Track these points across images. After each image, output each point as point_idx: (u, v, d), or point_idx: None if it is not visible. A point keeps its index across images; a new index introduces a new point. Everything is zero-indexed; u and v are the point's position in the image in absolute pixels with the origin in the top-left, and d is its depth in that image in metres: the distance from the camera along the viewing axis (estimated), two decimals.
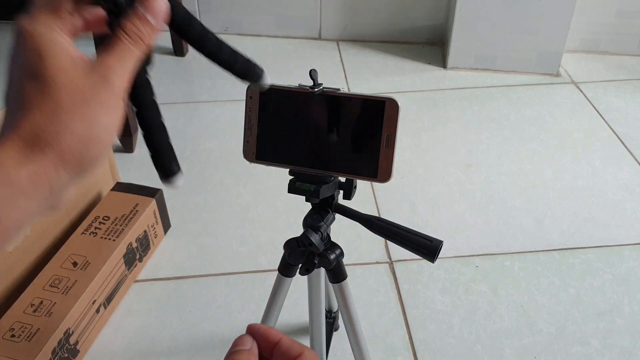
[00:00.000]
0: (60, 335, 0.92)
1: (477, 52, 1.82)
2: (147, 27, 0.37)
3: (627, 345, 1.04)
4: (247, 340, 0.41)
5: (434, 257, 0.60)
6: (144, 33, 0.37)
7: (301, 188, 0.59)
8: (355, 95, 0.55)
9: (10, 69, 0.36)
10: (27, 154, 0.32)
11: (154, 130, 0.39)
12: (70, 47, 0.36)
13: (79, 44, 0.39)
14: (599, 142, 1.54)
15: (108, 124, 0.35)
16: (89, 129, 0.34)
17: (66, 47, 0.35)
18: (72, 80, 0.34)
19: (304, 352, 0.39)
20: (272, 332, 0.40)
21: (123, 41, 0.36)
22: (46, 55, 0.34)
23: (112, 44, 0.37)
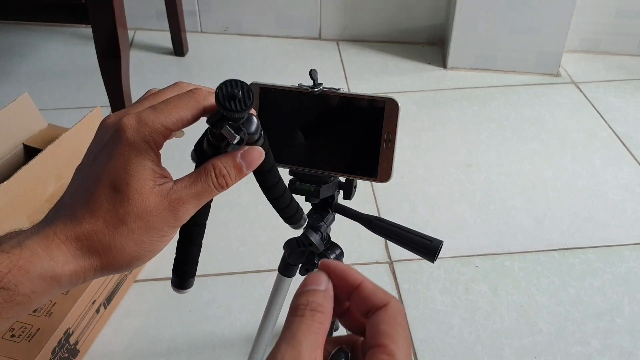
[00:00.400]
0: (60, 335, 0.92)
1: (477, 52, 1.82)
2: (237, 173, 0.38)
3: (627, 345, 1.04)
4: (322, 279, 0.32)
5: (434, 257, 0.60)
6: (232, 178, 0.37)
7: (301, 188, 0.59)
8: (355, 95, 0.55)
9: (93, 151, 0.37)
10: (76, 255, 0.34)
11: (194, 246, 0.41)
12: (156, 167, 0.36)
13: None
14: (599, 142, 1.54)
15: (155, 248, 0.36)
16: (137, 250, 0.36)
17: (152, 169, 0.36)
18: (145, 205, 0.35)
19: (390, 303, 0.32)
20: (352, 274, 0.33)
21: (208, 180, 0.37)
22: (133, 174, 0.35)
23: (197, 178, 0.37)
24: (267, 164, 0.40)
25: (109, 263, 0.35)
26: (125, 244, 0.35)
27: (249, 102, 0.34)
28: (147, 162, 0.36)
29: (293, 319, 0.30)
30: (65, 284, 0.35)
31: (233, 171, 0.37)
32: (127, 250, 0.35)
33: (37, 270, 0.33)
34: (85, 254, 0.35)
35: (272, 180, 0.43)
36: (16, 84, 1.76)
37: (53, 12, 1.35)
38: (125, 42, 1.35)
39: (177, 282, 0.42)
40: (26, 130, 1.09)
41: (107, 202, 0.35)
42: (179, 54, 1.91)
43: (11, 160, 1.06)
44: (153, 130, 0.36)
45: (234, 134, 0.35)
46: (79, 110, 1.62)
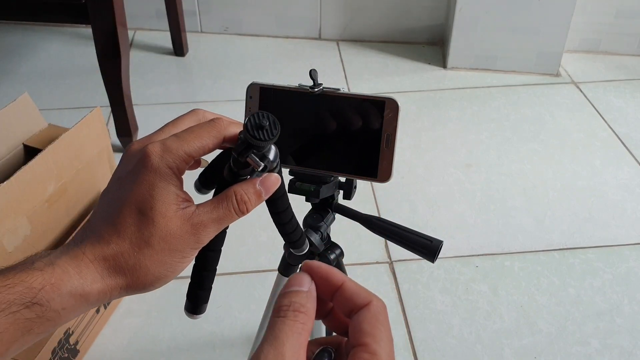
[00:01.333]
0: (60, 335, 0.92)
1: (477, 52, 1.82)
2: (256, 199, 0.40)
3: (627, 345, 1.04)
4: (305, 280, 0.33)
5: (434, 257, 0.60)
6: (252, 204, 0.40)
7: (301, 188, 0.59)
8: (355, 95, 0.55)
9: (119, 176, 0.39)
10: (103, 274, 0.37)
11: (209, 272, 0.43)
12: (179, 191, 0.39)
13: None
14: (599, 142, 1.54)
15: (177, 269, 0.38)
16: (161, 271, 0.38)
17: (176, 193, 0.38)
18: (169, 228, 0.37)
19: (372, 302, 0.32)
20: (335, 274, 0.33)
21: (229, 206, 0.39)
22: (158, 198, 0.37)
23: (218, 204, 0.39)
24: (280, 189, 0.42)
25: (134, 282, 0.37)
26: (150, 265, 0.37)
27: (275, 132, 0.36)
28: (171, 186, 0.38)
29: (276, 320, 0.31)
30: (93, 302, 0.36)
31: (253, 197, 0.40)
32: (151, 270, 0.37)
33: (68, 287, 0.35)
34: (112, 274, 0.37)
35: (282, 206, 0.45)
36: (16, 84, 1.76)
37: (53, 12, 1.35)
38: (125, 42, 1.35)
39: (190, 308, 0.44)
40: (26, 130, 1.09)
41: (133, 225, 0.37)
42: (179, 54, 1.91)
43: (11, 160, 1.06)
44: (177, 157, 0.38)
45: (259, 162, 0.38)
46: (79, 110, 1.63)
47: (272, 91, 0.57)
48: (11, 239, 0.91)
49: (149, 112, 1.63)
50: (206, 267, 0.43)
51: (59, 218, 1.11)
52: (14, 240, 0.92)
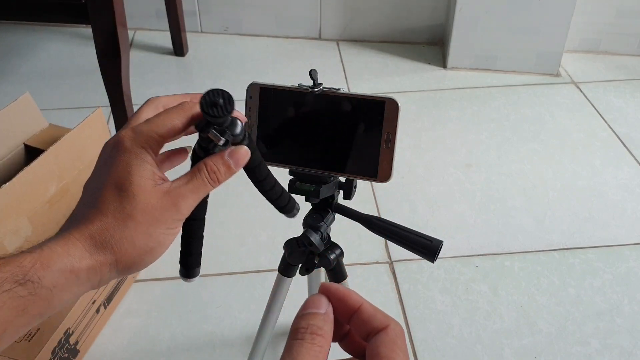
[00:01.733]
0: (60, 335, 0.92)
1: (477, 52, 1.82)
2: (226, 170, 0.42)
3: (627, 345, 1.04)
4: (322, 302, 0.32)
5: (434, 257, 0.60)
6: (222, 174, 0.42)
7: (301, 188, 0.59)
8: (355, 95, 0.55)
9: (97, 166, 0.42)
10: (91, 250, 0.38)
11: (195, 239, 0.46)
12: (155, 169, 0.41)
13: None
14: (599, 142, 1.54)
15: (164, 241, 0.40)
16: (147, 243, 0.39)
17: (152, 170, 0.40)
18: (149, 201, 0.39)
19: (389, 325, 0.31)
20: (352, 296, 0.33)
21: (202, 177, 0.41)
22: (134, 172, 0.39)
23: (192, 176, 0.41)
24: (254, 160, 0.44)
25: (122, 257, 0.39)
26: (135, 237, 0.39)
27: (229, 108, 0.39)
28: (146, 164, 0.40)
29: (293, 343, 0.31)
30: (83, 279, 0.38)
31: (222, 168, 0.42)
32: (137, 243, 0.39)
33: (57, 265, 0.36)
34: (99, 249, 0.38)
35: (261, 175, 0.47)
36: (16, 84, 1.76)
37: (53, 12, 1.35)
38: (125, 42, 1.35)
39: (184, 272, 0.47)
40: (27, 130, 1.09)
41: (115, 202, 0.39)
42: (179, 54, 1.92)
43: (12, 160, 1.06)
44: (148, 137, 0.40)
45: (219, 136, 0.40)
46: (80, 110, 1.63)
47: (272, 91, 0.57)
48: (12, 240, 0.91)
49: None
50: (192, 235, 0.46)
51: (60, 219, 1.12)
52: (15, 241, 0.92)
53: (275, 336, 1.05)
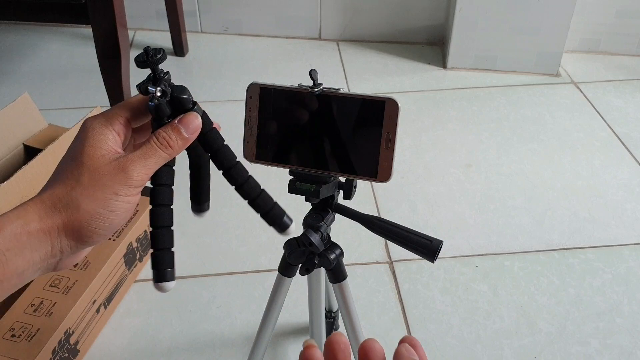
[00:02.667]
0: (60, 335, 0.92)
1: (477, 52, 1.82)
2: (177, 136, 0.44)
3: (627, 345, 1.04)
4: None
5: (434, 257, 0.60)
6: (172, 140, 0.44)
7: (301, 188, 0.59)
8: (355, 96, 0.55)
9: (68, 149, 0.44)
10: (42, 215, 0.40)
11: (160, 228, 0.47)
12: (112, 142, 0.43)
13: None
14: (599, 142, 1.54)
15: (115, 208, 0.41)
16: (94, 207, 0.40)
17: (106, 141, 0.42)
18: (97, 167, 0.41)
19: None
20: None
21: (151, 143, 0.43)
22: (87, 144, 0.42)
23: (145, 143, 0.43)
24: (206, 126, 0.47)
25: (70, 220, 0.40)
26: (82, 201, 0.40)
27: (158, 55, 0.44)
28: (101, 137, 0.42)
29: None
30: (34, 243, 0.39)
31: (172, 133, 0.44)
32: (84, 206, 0.40)
33: (9, 229, 0.38)
34: (49, 213, 0.40)
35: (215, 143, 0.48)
36: (16, 84, 1.76)
37: (53, 12, 1.35)
38: (126, 42, 1.35)
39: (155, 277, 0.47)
40: (26, 130, 1.09)
41: (67, 170, 0.42)
42: (179, 54, 1.92)
43: (11, 160, 1.06)
44: (109, 116, 0.43)
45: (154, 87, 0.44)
46: (79, 110, 1.63)
47: (272, 91, 0.57)
48: None
49: None
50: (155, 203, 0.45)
51: None
52: None
53: (275, 336, 1.05)
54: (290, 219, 0.50)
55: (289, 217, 0.50)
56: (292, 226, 0.50)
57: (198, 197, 0.52)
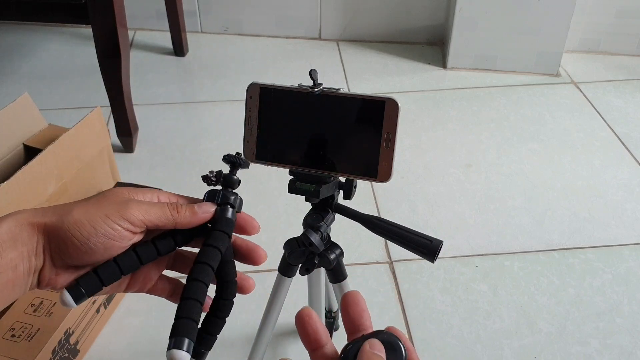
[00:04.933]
0: (60, 335, 0.92)
1: (477, 52, 1.82)
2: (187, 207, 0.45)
3: (627, 345, 1.04)
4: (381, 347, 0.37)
5: (434, 257, 0.60)
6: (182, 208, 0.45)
7: (301, 188, 0.59)
8: (355, 96, 0.55)
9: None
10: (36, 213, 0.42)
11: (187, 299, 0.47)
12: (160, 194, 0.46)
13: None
14: (599, 142, 1.54)
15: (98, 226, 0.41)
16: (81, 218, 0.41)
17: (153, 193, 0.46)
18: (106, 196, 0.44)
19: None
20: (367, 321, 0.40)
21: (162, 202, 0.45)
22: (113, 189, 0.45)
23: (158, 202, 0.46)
24: (226, 255, 0.48)
25: (57, 222, 0.41)
26: (75, 209, 0.42)
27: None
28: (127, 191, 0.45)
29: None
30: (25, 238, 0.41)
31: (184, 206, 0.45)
32: (74, 213, 0.41)
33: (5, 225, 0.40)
34: (42, 212, 0.42)
35: (228, 274, 0.50)
36: (16, 84, 1.76)
37: (53, 12, 1.35)
38: (126, 42, 1.35)
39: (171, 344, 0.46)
40: (26, 130, 1.09)
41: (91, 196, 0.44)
42: (179, 54, 1.92)
43: (11, 160, 1.06)
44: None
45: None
46: (79, 110, 1.63)
47: (272, 91, 0.57)
48: None
49: (149, 112, 1.63)
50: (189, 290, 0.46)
51: None
52: None
53: (275, 336, 1.05)
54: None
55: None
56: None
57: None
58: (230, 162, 0.50)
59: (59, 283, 0.43)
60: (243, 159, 0.50)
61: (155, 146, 1.50)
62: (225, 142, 1.51)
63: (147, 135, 1.52)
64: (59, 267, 0.42)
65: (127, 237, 0.42)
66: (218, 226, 0.46)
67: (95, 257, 0.42)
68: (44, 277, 0.42)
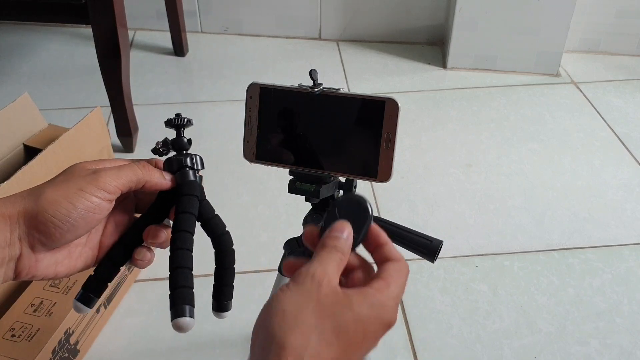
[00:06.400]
0: (60, 335, 0.92)
1: (477, 52, 1.82)
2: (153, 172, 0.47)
3: (627, 345, 1.04)
4: (346, 229, 0.42)
5: (434, 257, 0.60)
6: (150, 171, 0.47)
7: (301, 188, 0.59)
8: (355, 96, 0.55)
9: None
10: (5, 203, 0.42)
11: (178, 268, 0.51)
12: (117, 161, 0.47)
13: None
14: (599, 142, 1.54)
15: (75, 201, 0.42)
16: (56, 197, 0.42)
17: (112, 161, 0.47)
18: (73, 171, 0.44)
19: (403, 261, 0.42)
20: (382, 236, 0.44)
21: (130, 163, 0.46)
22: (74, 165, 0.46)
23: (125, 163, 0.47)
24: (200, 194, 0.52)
25: (32, 206, 0.41)
26: (47, 190, 0.42)
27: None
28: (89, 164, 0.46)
29: (321, 251, 0.41)
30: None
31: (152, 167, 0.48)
32: (47, 194, 0.42)
33: None
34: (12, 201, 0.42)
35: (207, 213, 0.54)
36: (16, 84, 1.76)
37: (53, 12, 1.35)
38: (126, 42, 1.35)
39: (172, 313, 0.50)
40: (26, 130, 1.09)
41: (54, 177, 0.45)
42: (179, 54, 1.92)
43: (11, 160, 1.06)
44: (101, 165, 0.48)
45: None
46: (79, 110, 1.63)
47: (272, 91, 0.57)
48: None
49: (149, 112, 1.63)
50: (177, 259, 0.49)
51: None
52: None
53: None
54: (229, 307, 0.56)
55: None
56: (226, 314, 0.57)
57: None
58: (173, 125, 0.51)
59: (40, 270, 0.44)
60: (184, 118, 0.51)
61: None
62: (225, 142, 1.51)
63: (147, 135, 1.52)
64: (38, 252, 0.43)
65: (105, 207, 0.44)
66: (184, 191, 0.49)
67: (76, 233, 0.43)
68: (22, 267, 0.42)
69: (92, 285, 0.47)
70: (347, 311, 0.37)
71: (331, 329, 0.36)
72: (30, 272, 0.43)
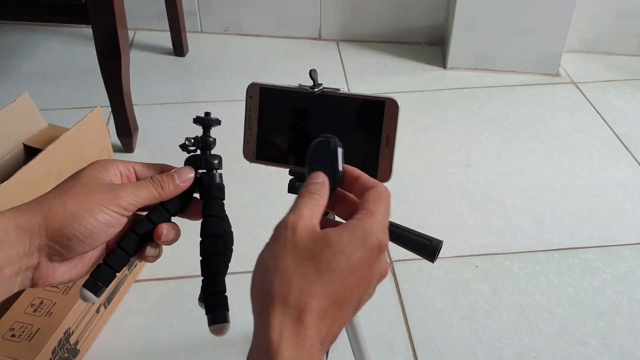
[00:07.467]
0: (60, 335, 0.92)
1: (476, 52, 1.82)
2: (169, 180, 0.49)
3: (627, 345, 1.04)
4: (320, 175, 0.44)
5: (434, 257, 0.60)
6: (165, 182, 0.48)
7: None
8: (355, 95, 0.55)
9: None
10: (23, 212, 0.41)
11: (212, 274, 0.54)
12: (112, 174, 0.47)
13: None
14: (599, 142, 1.54)
15: (97, 215, 0.43)
16: (79, 210, 0.42)
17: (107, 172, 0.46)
18: (91, 183, 0.45)
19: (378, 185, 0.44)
20: (355, 170, 0.46)
21: (146, 180, 0.48)
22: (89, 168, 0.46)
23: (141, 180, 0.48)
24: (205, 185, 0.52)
25: (51, 217, 0.41)
26: (68, 202, 0.42)
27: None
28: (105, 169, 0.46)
29: (297, 199, 0.42)
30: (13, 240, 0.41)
31: (166, 178, 0.49)
32: (69, 207, 0.42)
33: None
34: (31, 211, 0.42)
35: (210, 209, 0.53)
36: (16, 84, 1.76)
37: (53, 12, 1.35)
38: (126, 42, 1.35)
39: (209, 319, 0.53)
40: (26, 130, 1.09)
41: (63, 183, 0.45)
42: (179, 54, 1.92)
43: (11, 160, 1.06)
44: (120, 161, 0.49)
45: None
46: (79, 110, 1.63)
47: (272, 91, 0.57)
48: None
49: (149, 112, 1.63)
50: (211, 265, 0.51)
51: None
52: None
53: None
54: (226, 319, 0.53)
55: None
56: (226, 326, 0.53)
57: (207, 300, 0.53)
58: (202, 123, 0.52)
59: (56, 278, 0.44)
60: (214, 118, 0.52)
61: (155, 146, 1.50)
62: (225, 142, 1.51)
63: (147, 135, 1.52)
64: (55, 262, 0.43)
65: (123, 221, 0.46)
66: (212, 194, 0.51)
67: (94, 245, 0.45)
68: (40, 275, 0.43)
69: (101, 273, 0.47)
70: (326, 246, 0.38)
71: (313, 267, 0.37)
72: (48, 281, 0.44)
